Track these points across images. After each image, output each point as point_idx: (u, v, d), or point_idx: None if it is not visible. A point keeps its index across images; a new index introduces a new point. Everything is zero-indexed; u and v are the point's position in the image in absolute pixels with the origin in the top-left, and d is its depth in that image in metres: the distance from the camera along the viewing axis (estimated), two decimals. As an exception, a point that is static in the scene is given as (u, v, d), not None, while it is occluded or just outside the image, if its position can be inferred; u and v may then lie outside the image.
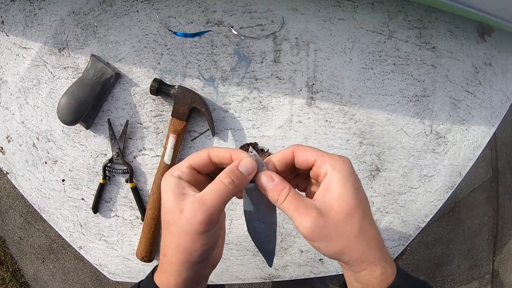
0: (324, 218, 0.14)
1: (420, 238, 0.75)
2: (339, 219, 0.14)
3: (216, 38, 0.31)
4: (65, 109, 0.29)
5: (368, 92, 0.32)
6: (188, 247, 0.14)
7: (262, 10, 0.31)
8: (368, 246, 0.15)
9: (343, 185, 0.15)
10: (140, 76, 0.32)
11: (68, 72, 0.33)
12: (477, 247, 0.77)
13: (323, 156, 0.15)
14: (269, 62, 0.31)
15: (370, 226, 0.15)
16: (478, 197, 0.77)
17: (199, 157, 0.16)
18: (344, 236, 0.14)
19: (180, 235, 0.14)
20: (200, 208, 0.14)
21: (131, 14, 0.31)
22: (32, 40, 0.33)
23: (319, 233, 0.14)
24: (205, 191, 0.14)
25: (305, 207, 0.14)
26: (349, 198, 0.14)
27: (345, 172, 0.15)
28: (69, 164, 0.33)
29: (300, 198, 0.15)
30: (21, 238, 0.75)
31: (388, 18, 0.32)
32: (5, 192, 0.74)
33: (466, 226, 0.76)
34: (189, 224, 0.14)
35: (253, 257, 0.34)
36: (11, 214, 0.75)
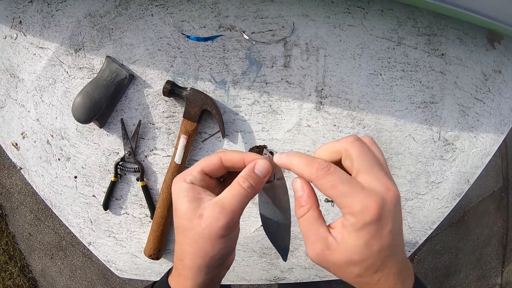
0: (326, 257, 0.14)
1: (428, 246, 0.75)
2: (340, 262, 0.14)
3: (228, 42, 0.33)
4: (80, 108, 0.31)
5: (377, 97, 0.34)
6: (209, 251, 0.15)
7: (273, 15, 0.33)
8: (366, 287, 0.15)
9: (355, 236, 0.14)
10: (153, 77, 0.34)
11: (84, 72, 0.35)
12: (486, 257, 0.77)
13: (359, 192, 0.14)
14: (279, 67, 0.33)
15: (373, 275, 0.14)
16: (488, 206, 0.77)
17: (211, 162, 0.16)
18: (342, 274, 0.15)
19: (199, 240, 0.14)
20: (221, 213, 0.14)
21: (145, 18, 0.33)
22: (49, 40, 0.35)
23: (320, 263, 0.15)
24: (224, 196, 0.15)
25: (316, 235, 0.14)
26: (355, 250, 0.14)
27: (366, 221, 0.13)
28: (81, 162, 0.35)
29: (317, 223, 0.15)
30: (31, 234, 0.77)
31: (398, 25, 0.34)
32: (17, 189, 0.77)
33: (475, 235, 0.76)
34: (210, 229, 0.14)
35: (259, 259, 0.35)
36: (22, 211, 0.77)
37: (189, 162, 0.34)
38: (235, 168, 0.16)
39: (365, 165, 0.14)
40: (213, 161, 0.16)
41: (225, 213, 0.14)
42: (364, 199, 0.13)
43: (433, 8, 0.30)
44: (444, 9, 0.29)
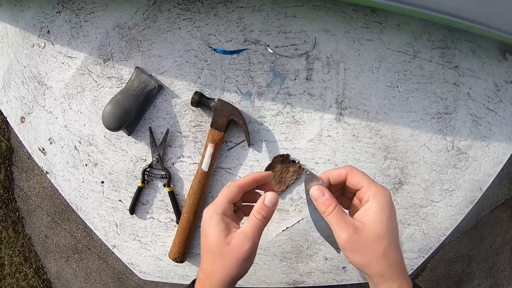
0: (357, 235, 0.19)
1: (441, 254, 0.77)
2: (369, 239, 0.19)
3: (253, 55, 0.36)
4: (110, 116, 0.34)
5: (393, 109, 0.36)
6: (234, 271, 0.20)
7: (296, 30, 0.35)
8: (388, 265, 0.19)
9: (379, 213, 0.19)
10: (181, 88, 0.36)
11: (112, 81, 0.37)
12: (499, 265, 0.78)
13: (370, 184, 0.20)
14: (301, 80, 0.36)
15: (395, 250, 0.19)
16: (501, 214, 0.78)
17: (233, 191, 0.21)
18: (370, 253, 0.19)
19: (228, 262, 0.20)
20: (245, 240, 0.20)
21: (173, 31, 0.36)
22: (78, 50, 0.38)
23: (351, 246, 0.19)
24: (246, 226, 0.20)
25: (345, 222, 0.19)
26: (381, 225, 0.19)
27: (383, 202, 0.20)
28: (109, 167, 0.38)
29: (343, 214, 0.20)
30: (47, 236, 0.79)
31: (413, 39, 0.36)
32: (34, 192, 0.79)
33: (488, 244, 0.77)
34: (238, 253, 0.20)
35: (279, 263, 0.37)
36: (39, 213, 0.79)
37: (215, 170, 0.36)
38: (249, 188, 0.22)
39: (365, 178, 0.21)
40: (234, 190, 0.21)
41: (248, 240, 0.20)
42: (380, 187, 0.20)
43: (447, 23, 0.33)
44: (457, 23, 0.32)
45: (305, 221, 0.37)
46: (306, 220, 0.37)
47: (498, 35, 0.32)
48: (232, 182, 0.21)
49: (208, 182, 0.35)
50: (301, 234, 0.36)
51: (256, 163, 0.36)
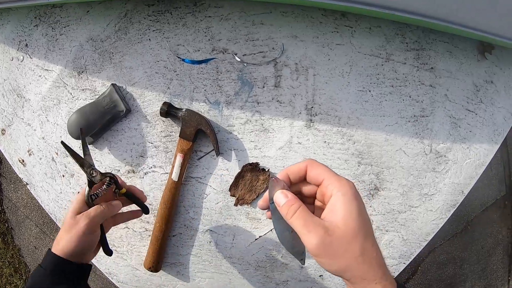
0: (330, 237, 0.16)
1: (432, 257, 0.75)
2: (343, 238, 0.16)
3: (221, 64, 0.35)
4: (74, 125, 0.34)
5: (366, 114, 0.35)
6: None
7: (264, 38, 0.35)
8: (369, 265, 0.16)
9: (347, 207, 0.17)
10: (151, 99, 0.36)
11: (86, 93, 0.37)
12: (492, 266, 0.77)
13: (331, 177, 0.18)
14: (270, 87, 0.35)
15: (372, 247, 0.17)
16: (491, 215, 0.76)
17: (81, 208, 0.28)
18: (347, 254, 0.16)
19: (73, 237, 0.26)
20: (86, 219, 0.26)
21: (143, 42, 0.36)
22: (54, 63, 0.38)
23: (325, 251, 0.16)
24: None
25: (313, 224, 0.17)
26: (352, 219, 0.16)
27: (349, 195, 0.17)
28: (85, 178, 0.38)
29: (310, 215, 0.17)
30: (36, 247, 0.80)
31: (386, 41, 0.35)
32: (23, 203, 0.80)
33: (480, 245, 0.76)
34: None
35: (255, 271, 0.37)
36: (28, 224, 0.80)
37: (186, 179, 0.36)
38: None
39: (326, 170, 0.18)
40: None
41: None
42: (343, 179, 0.18)
43: (422, 24, 0.32)
44: (432, 24, 0.31)
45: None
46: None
47: (476, 35, 0.31)
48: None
49: (179, 192, 0.35)
50: (274, 243, 0.36)
51: (226, 171, 0.36)
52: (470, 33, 0.31)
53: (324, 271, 0.37)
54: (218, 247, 0.36)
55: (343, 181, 0.18)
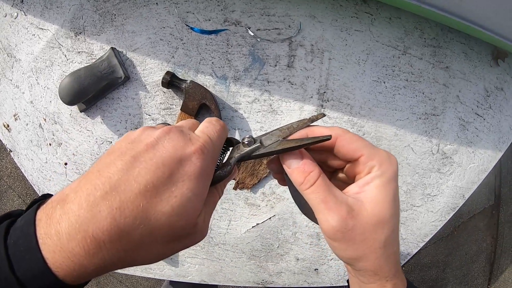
0: (353, 220, 0.12)
1: (416, 259, 0.74)
2: (368, 224, 0.13)
3: (232, 37, 0.31)
4: (67, 89, 0.30)
5: (379, 105, 0.33)
6: None
7: (280, 14, 0.31)
8: (386, 261, 0.13)
9: (384, 189, 0.13)
10: (153, 67, 0.32)
11: (82, 56, 0.33)
12: (473, 273, 0.76)
13: (374, 152, 0.13)
14: (282, 66, 0.32)
15: (395, 241, 0.13)
16: (478, 223, 0.76)
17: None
18: (368, 243, 0.13)
19: None
20: None
21: (150, 6, 0.32)
22: (50, 21, 0.33)
23: (343, 235, 0.13)
24: None
25: (335, 201, 0.12)
26: (386, 205, 0.13)
27: (390, 175, 0.13)
28: (73, 148, 0.33)
29: (331, 189, 0.13)
30: None
31: (404, 34, 0.33)
32: (6, 172, 0.74)
33: (464, 251, 0.76)
34: None
35: (248, 260, 0.33)
36: (10, 194, 0.75)
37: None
38: None
39: (366, 144, 0.13)
40: None
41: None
42: (385, 154, 0.13)
43: (441, 20, 0.30)
44: (452, 21, 0.29)
45: (277, 218, 0.33)
46: (278, 217, 0.33)
47: (493, 39, 0.29)
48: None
49: (175, 170, 0.31)
50: (272, 231, 0.32)
51: (228, 152, 0.32)
52: (488, 35, 0.29)
53: (320, 265, 0.34)
54: (212, 232, 0.33)
55: (385, 155, 0.13)
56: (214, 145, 0.12)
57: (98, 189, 0.09)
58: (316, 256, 0.33)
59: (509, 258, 0.77)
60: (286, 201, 0.33)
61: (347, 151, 0.13)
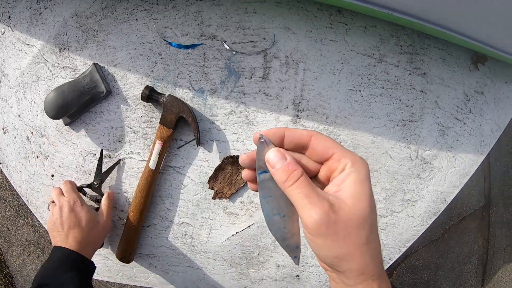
0: (335, 214, 0.13)
1: (408, 262, 0.74)
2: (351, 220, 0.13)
3: (208, 51, 0.33)
4: (51, 104, 0.31)
5: (355, 114, 0.34)
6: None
7: (255, 27, 0.33)
8: (371, 259, 0.13)
9: (361, 184, 0.13)
10: (133, 82, 0.34)
11: (66, 72, 0.35)
12: (466, 275, 0.77)
13: (345, 152, 0.14)
14: (258, 78, 0.33)
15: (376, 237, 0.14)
16: (469, 225, 0.76)
17: None
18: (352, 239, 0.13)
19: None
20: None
21: (130, 22, 0.33)
22: (35, 37, 0.35)
23: (327, 229, 0.13)
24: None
25: (318, 196, 0.13)
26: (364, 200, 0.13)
27: (364, 173, 0.14)
28: (59, 160, 0.35)
29: (313, 186, 0.13)
30: (10, 229, 0.77)
31: (380, 42, 0.34)
32: None
33: (455, 253, 0.76)
34: None
35: (229, 268, 0.35)
36: (2, 205, 0.77)
37: (164, 168, 0.34)
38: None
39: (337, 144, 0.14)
40: None
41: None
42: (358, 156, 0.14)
43: (418, 28, 0.30)
44: (428, 28, 0.29)
45: (256, 226, 0.34)
46: (257, 226, 0.34)
47: (470, 44, 0.30)
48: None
49: (155, 181, 0.32)
50: (252, 239, 0.33)
51: (206, 163, 0.33)
52: (465, 41, 0.30)
53: (301, 271, 0.35)
54: (193, 240, 0.34)
55: (358, 157, 0.14)
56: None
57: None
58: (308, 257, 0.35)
59: (502, 258, 0.77)
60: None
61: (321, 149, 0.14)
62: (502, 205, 0.78)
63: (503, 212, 0.77)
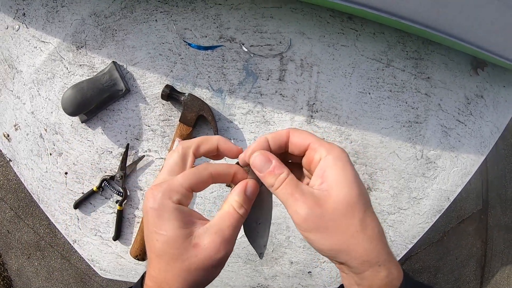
0: (321, 208, 0.13)
1: (407, 265, 0.76)
2: (337, 209, 0.13)
3: (227, 53, 0.35)
4: (70, 100, 0.32)
5: (364, 115, 0.36)
6: (200, 282, 0.13)
7: (272, 31, 0.35)
8: (370, 243, 0.13)
9: (341, 171, 0.13)
10: (152, 81, 0.35)
11: (84, 69, 0.36)
12: (464, 277, 0.79)
13: (319, 140, 0.14)
14: (274, 80, 0.35)
15: (373, 221, 0.13)
16: (467, 228, 0.79)
17: (200, 178, 0.14)
18: (342, 229, 0.13)
19: (193, 271, 0.13)
20: (223, 243, 0.13)
21: (149, 22, 0.35)
22: (52, 35, 0.36)
23: (314, 223, 0.13)
24: (220, 222, 0.14)
25: (301, 193, 0.13)
26: (348, 185, 0.13)
27: (343, 158, 0.14)
28: (73, 158, 0.36)
29: (298, 184, 0.14)
30: (9, 231, 0.76)
31: (388, 48, 0.37)
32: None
33: (454, 256, 0.78)
34: (209, 260, 0.13)
35: (244, 265, 0.36)
36: (2, 206, 0.75)
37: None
38: (220, 182, 0.15)
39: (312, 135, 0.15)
40: (203, 177, 0.14)
41: (227, 243, 0.13)
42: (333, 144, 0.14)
43: (422, 34, 0.33)
44: (432, 35, 0.32)
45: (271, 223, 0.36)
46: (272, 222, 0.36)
47: (471, 50, 0.33)
48: (208, 165, 0.15)
49: (174, 178, 0.34)
50: (267, 235, 0.36)
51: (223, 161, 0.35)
52: (466, 47, 0.33)
53: (313, 267, 0.37)
54: (208, 237, 0.36)
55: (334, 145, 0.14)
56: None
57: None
58: (309, 259, 0.36)
59: (500, 261, 0.80)
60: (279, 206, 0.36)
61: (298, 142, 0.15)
62: (500, 208, 0.81)
63: (501, 215, 0.81)
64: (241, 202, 0.14)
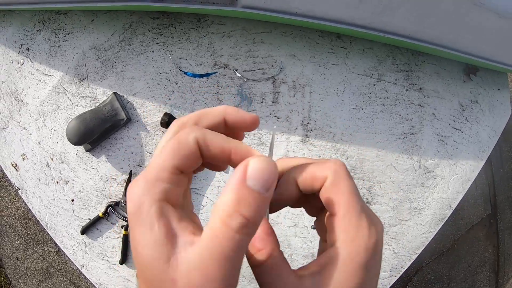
0: None
1: (419, 276, 0.76)
2: None
3: (221, 79, 0.38)
4: (74, 130, 0.35)
5: (359, 130, 0.38)
6: None
7: (263, 55, 0.38)
8: None
9: (354, 274, 0.09)
10: (152, 109, 0.38)
11: (86, 101, 0.39)
12: (479, 284, 0.78)
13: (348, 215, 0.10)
14: (268, 102, 0.38)
15: None
16: (477, 234, 0.79)
17: (186, 150, 0.09)
18: None
19: None
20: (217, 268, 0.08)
21: (147, 54, 0.39)
22: (55, 68, 0.40)
23: None
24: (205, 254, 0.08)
25: (281, 282, 0.09)
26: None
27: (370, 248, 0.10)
28: (79, 185, 0.39)
29: (281, 272, 0.10)
30: (18, 259, 0.78)
31: (378, 63, 0.39)
32: (7, 212, 0.78)
33: (466, 263, 0.78)
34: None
35: (248, 284, 0.38)
36: (11, 234, 0.78)
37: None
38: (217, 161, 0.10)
39: (356, 200, 0.10)
40: (191, 148, 0.10)
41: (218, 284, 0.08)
42: (364, 224, 0.10)
43: (411, 46, 0.36)
44: (421, 47, 0.34)
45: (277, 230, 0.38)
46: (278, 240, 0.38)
47: (461, 57, 0.35)
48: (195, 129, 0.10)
49: (176, 202, 0.37)
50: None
51: (223, 183, 0.38)
52: (456, 55, 0.35)
53: None
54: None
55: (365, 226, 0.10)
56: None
57: None
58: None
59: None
60: (280, 225, 0.38)
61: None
62: (509, 211, 0.81)
63: (511, 217, 0.81)
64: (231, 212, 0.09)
